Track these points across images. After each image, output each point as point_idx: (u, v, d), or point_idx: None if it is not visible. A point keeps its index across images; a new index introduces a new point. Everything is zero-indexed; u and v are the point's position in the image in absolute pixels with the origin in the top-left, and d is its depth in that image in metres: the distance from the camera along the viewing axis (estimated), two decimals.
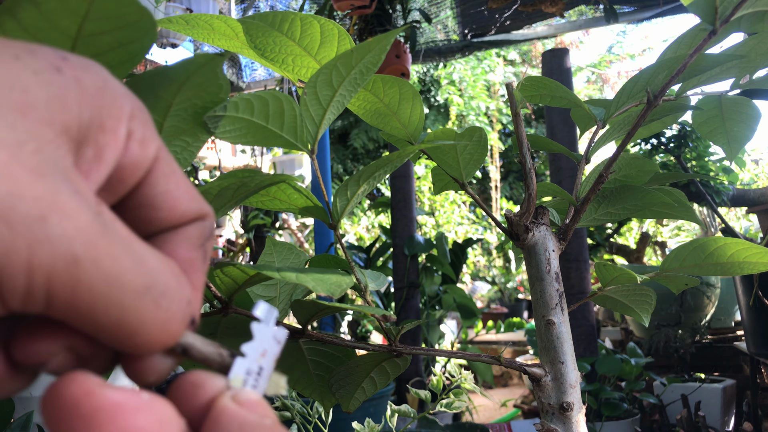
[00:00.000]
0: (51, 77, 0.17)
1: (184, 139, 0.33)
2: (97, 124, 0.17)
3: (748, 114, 0.60)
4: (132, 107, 0.19)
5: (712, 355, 2.42)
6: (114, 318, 0.16)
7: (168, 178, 0.19)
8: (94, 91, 0.18)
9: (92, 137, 0.17)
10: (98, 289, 0.16)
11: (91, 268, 0.15)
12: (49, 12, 0.26)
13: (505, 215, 0.52)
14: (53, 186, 0.15)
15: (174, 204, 0.19)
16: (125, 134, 0.18)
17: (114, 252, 0.16)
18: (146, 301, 0.17)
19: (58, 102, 0.17)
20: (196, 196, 0.20)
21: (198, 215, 0.20)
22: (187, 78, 0.30)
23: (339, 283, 0.34)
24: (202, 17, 0.46)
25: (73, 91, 0.17)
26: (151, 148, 0.19)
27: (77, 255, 0.15)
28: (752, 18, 0.51)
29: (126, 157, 0.18)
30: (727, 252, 0.52)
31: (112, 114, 0.18)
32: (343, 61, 0.38)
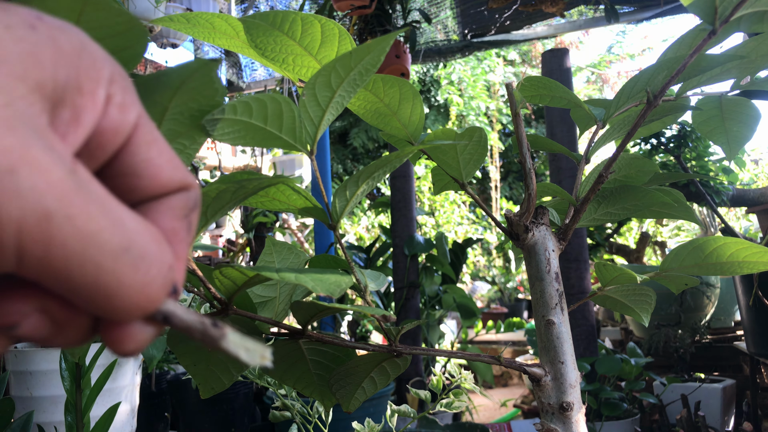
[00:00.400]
0: (24, 33, 0.16)
1: (181, 142, 0.33)
2: (74, 86, 0.17)
3: (748, 114, 0.60)
4: (111, 71, 0.18)
5: (712, 355, 2.42)
6: (90, 279, 0.16)
7: (149, 146, 0.19)
8: (70, 51, 0.17)
9: (69, 99, 0.17)
10: (72, 246, 0.15)
11: (64, 224, 0.15)
12: None
13: (505, 215, 0.52)
14: (23, 140, 0.15)
15: (156, 171, 0.19)
16: (104, 98, 0.18)
17: (89, 210, 0.16)
18: (124, 262, 0.16)
19: (31, 58, 0.16)
20: (179, 166, 0.20)
21: (182, 185, 0.20)
22: (182, 83, 0.30)
23: (338, 282, 0.34)
24: (203, 16, 0.46)
25: (47, 49, 0.16)
26: (132, 113, 0.18)
27: (49, 210, 0.15)
28: (752, 18, 0.51)
29: (105, 121, 0.18)
30: (726, 251, 0.52)
31: (90, 76, 0.17)
32: (342, 62, 0.38)
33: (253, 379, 1.01)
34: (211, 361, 0.49)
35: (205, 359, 0.48)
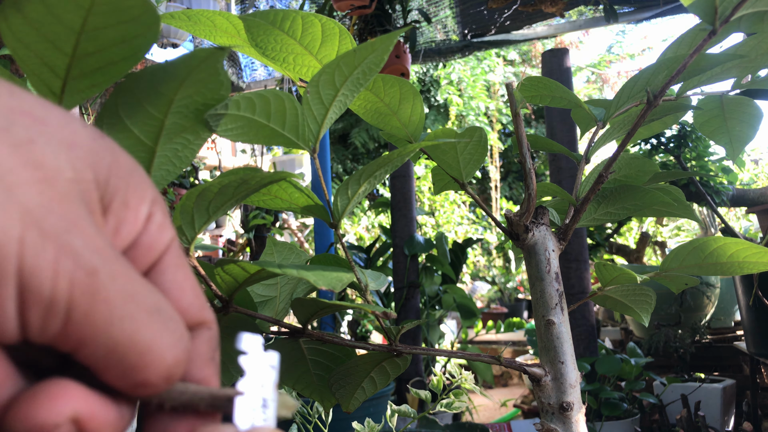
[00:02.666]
0: (97, 135, 0.19)
1: (186, 137, 0.33)
2: (121, 198, 0.19)
3: (750, 113, 0.60)
4: (155, 194, 0.20)
5: (711, 355, 2.42)
6: (128, 333, 0.17)
7: (178, 269, 0.20)
8: (125, 166, 0.19)
9: (115, 208, 0.18)
10: (115, 301, 0.16)
11: (108, 281, 0.16)
12: (54, 5, 0.26)
13: (505, 215, 0.52)
14: (77, 211, 0.16)
15: (180, 295, 0.20)
16: (146, 215, 0.19)
17: (128, 274, 0.17)
18: (157, 319, 0.17)
19: (97, 155, 0.18)
20: (201, 295, 0.21)
21: (201, 317, 0.20)
22: (188, 74, 0.30)
23: (339, 277, 0.34)
24: (205, 14, 0.46)
25: (109, 155, 0.19)
26: (167, 234, 0.20)
27: (96, 267, 0.16)
28: (752, 18, 0.51)
29: (144, 236, 0.19)
30: (726, 252, 0.52)
31: (136, 194, 0.19)
32: (346, 60, 0.38)
33: None
34: None
35: None
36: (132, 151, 0.32)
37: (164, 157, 0.33)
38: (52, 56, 0.28)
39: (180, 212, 0.36)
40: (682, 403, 1.80)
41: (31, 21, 0.26)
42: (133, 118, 0.31)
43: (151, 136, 0.32)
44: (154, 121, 0.32)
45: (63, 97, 0.30)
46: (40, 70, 0.29)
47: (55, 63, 0.28)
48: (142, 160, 0.33)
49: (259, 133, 0.38)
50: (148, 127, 0.32)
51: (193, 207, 0.36)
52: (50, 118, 0.17)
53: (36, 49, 0.28)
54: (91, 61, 0.29)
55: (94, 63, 0.29)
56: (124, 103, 0.31)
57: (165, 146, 0.33)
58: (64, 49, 0.28)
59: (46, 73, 0.29)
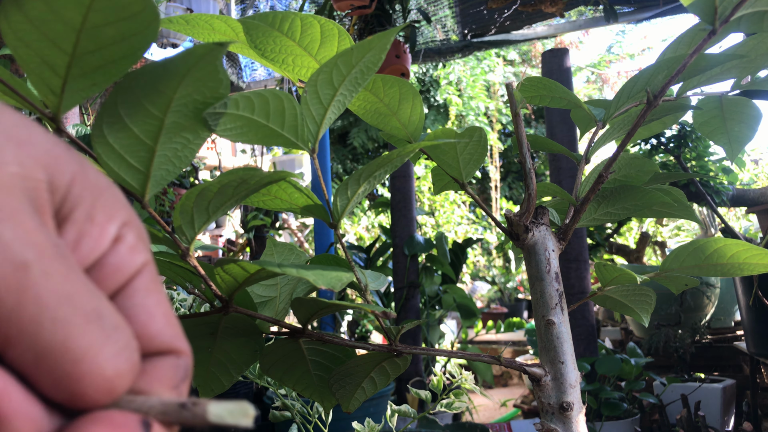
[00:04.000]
0: (59, 141, 0.18)
1: (185, 136, 0.33)
2: (85, 211, 0.18)
3: (749, 114, 0.60)
4: (128, 217, 0.19)
5: (712, 355, 2.42)
6: (60, 338, 0.15)
7: (148, 293, 0.19)
8: (95, 182, 0.18)
9: (76, 219, 0.17)
10: (46, 301, 0.15)
11: (40, 278, 0.15)
12: (55, 3, 0.26)
13: (505, 215, 0.52)
14: (17, 202, 0.15)
15: (148, 320, 0.18)
16: (113, 234, 0.18)
17: (68, 273, 0.16)
18: (96, 326, 0.16)
19: (57, 159, 0.17)
20: (173, 324, 0.19)
21: (171, 346, 0.19)
22: (188, 71, 0.30)
23: (339, 277, 0.34)
24: (203, 17, 0.46)
25: (73, 164, 0.18)
26: (139, 257, 0.19)
27: (28, 261, 0.15)
28: (752, 18, 0.51)
29: (110, 256, 0.18)
30: (727, 253, 0.52)
31: (105, 211, 0.18)
32: (344, 59, 0.38)
33: (253, 379, 1.01)
34: (211, 363, 0.49)
35: (205, 360, 0.48)
36: (132, 151, 0.32)
37: (164, 156, 0.33)
38: (52, 55, 0.28)
39: (180, 212, 0.36)
40: (682, 403, 1.80)
41: (32, 19, 0.26)
42: (133, 116, 0.31)
43: (150, 135, 0.32)
44: (153, 119, 0.32)
45: (63, 96, 0.30)
46: (40, 69, 0.29)
47: (55, 62, 0.28)
48: (142, 159, 0.33)
49: (258, 133, 0.38)
50: (147, 126, 0.32)
51: (192, 207, 0.36)
52: (3, 119, 0.16)
53: (36, 48, 0.28)
54: (91, 59, 0.29)
55: (94, 61, 0.29)
56: (124, 101, 0.31)
57: (165, 145, 0.33)
58: (64, 47, 0.28)
59: (46, 72, 0.29)
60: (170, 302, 0.20)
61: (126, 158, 0.32)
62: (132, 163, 0.33)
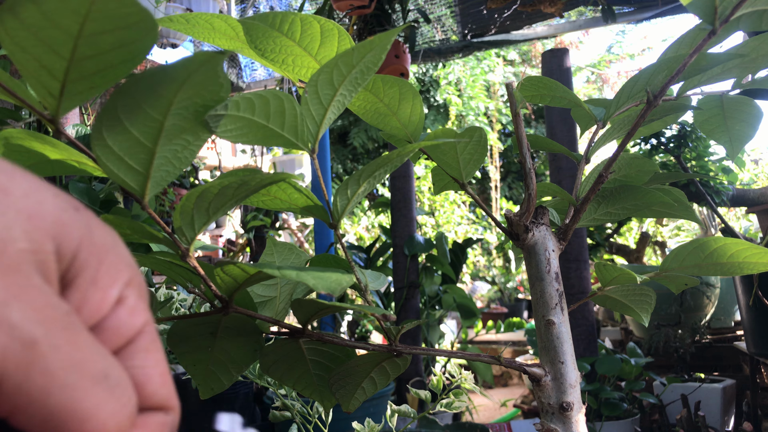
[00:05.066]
0: (67, 206, 0.18)
1: (185, 138, 0.33)
2: (90, 275, 0.18)
3: (750, 113, 0.60)
4: (131, 275, 0.19)
5: (712, 355, 2.42)
6: (67, 402, 0.16)
7: (147, 354, 0.19)
8: (99, 244, 0.19)
9: (80, 284, 0.18)
10: (55, 372, 0.16)
11: (49, 352, 0.16)
12: (50, 11, 0.26)
13: (505, 215, 0.52)
14: (24, 282, 0.16)
15: (144, 381, 0.19)
16: (115, 297, 0.19)
17: (76, 341, 0.17)
18: (103, 387, 0.17)
19: (64, 227, 0.18)
20: (168, 383, 0.20)
21: (164, 404, 0.20)
22: (188, 76, 0.30)
23: (339, 281, 0.34)
24: (203, 16, 0.46)
25: (80, 228, 0.18)
26: (139, 319, 0.19)
27: (35, 338, 0.16)
28: (752, 17, 0.51)
29: (111, 319, 0.19)
30: (727, 252, 0.52)
31: (109, 273, 0.19)
32: (344, 59, 0.38)
33: (253, 379, 1.01)
34: (211, 362, 0.49)
35: (205, 360, 0.48)
36: (132, 153, 0.32)
37: (164, 158, 0.33)
38: (50, 60, 0.28)
39: (180, 213, 0.36)
40: (682, 403, 1.79)
41: (28, 26, 0.26)
42: (133, 119, 0.31)
43: (150, 138, 0.32)
44: (153, 122, 0.32)
45: (62, 99, 0.30)
46: (38, 73, 0.29)
47: (53, 66, 0.28)
48: (141, 161, 0.33)
49: (258, 134, 0.38)
50: (147, 129, 0.32)
51: (192, 208, 0.36)
52: (13, 188, 0.17)
53: (34, 53, 0.28)
54: (89, 64, 0.29)
55: (92, 66, 0.29)
56: (124, 105, 0.31)
57: (164, 147, 0.33)
58: (61, 52, 0.28)
59: (44, 76, 0.29)
60: (165, 355, 0.21)
61: (125, 160, 0.32)
62: (131, 164, 0.33)
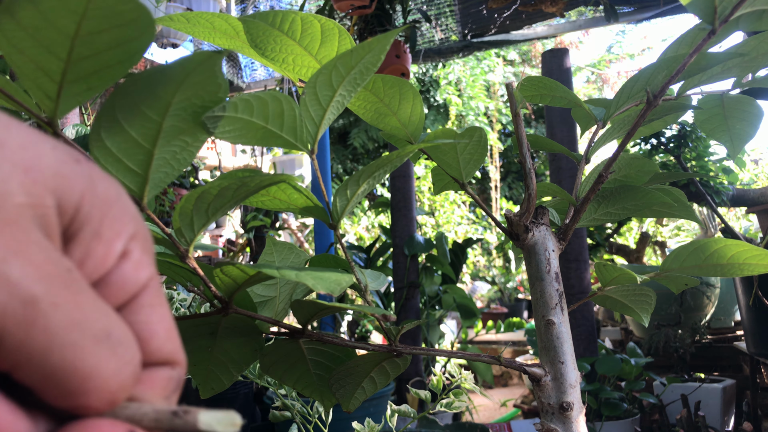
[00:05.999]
0: (67, 158, 0.17)
1: (184, 139, 0.33)
2: (93, 229, 0.18)
3: (751, 112, 0.60)
4: (136, 228, 0.19)
5: (712, 355, 2.42)
6: (68, 361, 0.16)
7: (152, 309, 0.19)
8: (102, 195, 0.18)
9: (84, 238, 0.18)
10: (55, 330, 0.16)
11: (49, 310, 0.16)
12: (48, 11, 0.26)
13: (505, 215, 0.52)
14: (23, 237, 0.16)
15: (149, 336, 0.19)
16: (119, 251, 0.18)
17: (78, 299, 0.16)
18: (105, 345, 0.17)
19: (65, 180, 0.17)
20: (173, 338, 0.20)
21: (170, 359, 0.20)
22: (186, 77, 0.30)
23: (339, 281, 0.34)
24: (204, 15, 0.46)
25: (82, 182, 0.18)
26: (144, 273, 0.19)
27: (36, 296, 0.15)
28: (751, 16, 0.51)
29: (115, 274, 0.18)
30: (727, 253, 0.52)
31: (113, 226, 0.18)
32: (343, 61, 0.38)
33: (253, 379, 1.01)
34: (211, 362, 0.48)
35: (205, 360, 0.48)
36: (130, 154, 0.32)
37: (162, 159, 0.33)
38: (47, 61, 0.28)
39: (179, 214, 0.36)
40: (682, 403, 1.79)
41: (25, 27, 0.26)
42: (131, 121, 0.31)
43: (149, 139, 0.32)
44: (151, 123, 0.31)
45: (59, 101, 0.30)
46: (35, 75, 0.29)
47: (50, 67, 0.28)
48: (140, 162, 0.33)
49: (257, 135, 0.38)
50: (145, 130, 0.32)
51: (192, 210, 0.36)
52: (9, 140, 0.16)
53: (31, 54, 0.27)
54: (86, 64, 0.29)
55: (89, 67, 0.29)
56: (122, 105, 0.30)
57: (163, 149, 0.33)
58: (58, 53, 0.28)
59: (41, 78, 0.29)
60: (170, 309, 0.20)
61: (124, 161, 0.32)
62: (130, 166, 0.33)
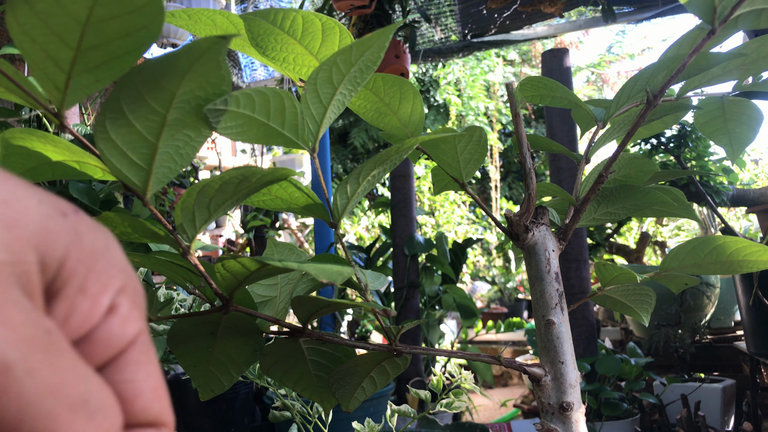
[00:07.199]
0: (52, 213, 0.17)
1: (187, 134, 0.33)
2: (78, 284, 0.17)
3: (750, 115, 0.60)
4: (125, 281, 0.18)
5: (712, 355, 2.42)
6: (41, 430, 0.15)
7: (139, 366, 0.18)
8: (88, 249, 0.18)
9: (69, 293, 0.17)
10: (29, 398, 0.15)
11: (24, 377, 0.15)
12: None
13: (505, 215, 0.52)
14: (3, 296, 0.15)
15: (135, 395, 0.18)
16: (106, 305, 0.18)
17: (55, 364, 0.16)
18: (81, 413, 0.16)
19: (50, 235, 0.16)
20: (161, 398, 0.19)
21: (156, 420, 0.19)
22: (191, 66, 0.30)
23: (341, 271, 0.34)
24: (205, 12, 0.46)
25: (67, 235, 0.17)
26: (132, 328, 0.18)
27: (10, 363, 0.15)
28: (751, 16, 0.51)
29: (101, 329, 0.18)
30: (726, 250, 0.52)
31: (99, 280, 0.18)
32: (343, 57, 0.38)
33: (253, 379, 1.01)
34: (211, 363, 0.48)
35: (205, 361, 0.48)
36: (134, 147, 0.32)
37: (166, 154, 0.33)
38: (57, 50, 0.28)
39: (181, 210, 0.36)
40: (682, 403, 1.80)
41: (39, 12, 0.26)
42: (136, 112, 0.31)
43: (153, 132, 0.32)
44: (156, 116, 0.32)
45: (67, 92, 0.30)
46: (44, 65, 0.29)
47: (60, 57, 0.29)
48: (144, 156, 0.33)
49: (258, 132, 0.38)
50: (150, 123, 0.32)
51: (194, 205, 0.36)
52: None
53: (42, 42, 0.28)
54: (95, 55, 0.29)
55: (98, 57, 0.29)
56: (127, 96, 0.31)
57: (167, 142, 0.33)
58: (69, 42, 0.28)
59: (50, 68, 0.29)
60: (159, 367, 0.20)
61: (128, 155, 0.32)
62: (134, 159, 0.33)
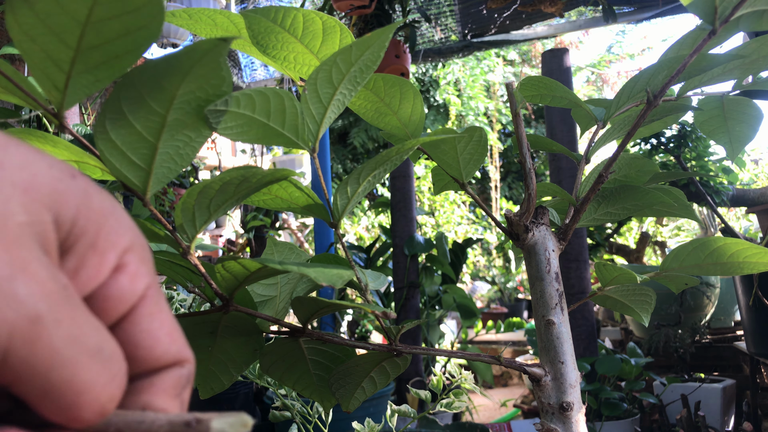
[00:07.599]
0: (63, 176, 0.18)
1: (187, 134, 0.33)
2: (89, 241, 0.18)
3: (750, 114, 0.60)
4: (132, 240, 0.20)
5: (712, 355, 2.42)
6: (67, 375, 0.17)
7: (152, 317, 0.20)
8: (98, 209, 0.19)
9: (79, 250, 0.18)
10: (57, 346, 0.16)
11: (52, 327, 0.16)
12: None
13: (505, 215, 0.52)
14: (27, 255, 0.16)
15: (153, 343, 0.20)
16: (113, 263, 0.19)
17: (75, 316, 0.17)
18: (97, 360, 0.17)
19: (62, 196, 0.18)
20: (177, 339, 0.21)
21: (177, 359, 0.20)
22: (191, 67, 0.30)
23: (340, 274, 0.34)
24: (205, 11, 0.46)
25: (77, 196, 0.18)
26: (141, 283, 0.19)
27: (40, 314, 0.16)
28: (752, 17, 0.51)
29: (111, 287, 0.19)
30: (727, 252, 0.52)
31: (108, 238, 0.19)
32: (343, 56, 0.38)
33: (253, 379, 1.01)
34: (211, 362, 0.49)
35: (205, 359, 0.48)
36: (134, 147, 0.32)
37: (166, 154, 0.33)
38: (57, 50, 0.28)
39: (181, 210, 0.36)
40: (682, 403, 1.80)
41: (38, 12, 0.26)
42: (136, 113, 0.31)
43: (153, 132, 0.32)
44: (156, 116, 0.32)
45: (66, 92, 0.30)
46: (44, 65, 0.29)
47: (59, 57, 0.29)
48: (144, 156, 0.33)
49: (258, 132, 0.38)
50: (150, 123, 0.32)
51: (194, 205, 0.36)
52: (7, 161, 0.17)
53: (41, 42, 0.28)
54: (95, 55, 0.29)
55: (98, 57, 0.29)
56: (127, 97, 0.30)
57: (167, 143, 0.33)
58: (69, 42, 0.28)
59: (50, 68, 0.29)
60: (170, 311, 0.21)
61: (128, 155, 0.32)
62: (134, 160, 0.33)
